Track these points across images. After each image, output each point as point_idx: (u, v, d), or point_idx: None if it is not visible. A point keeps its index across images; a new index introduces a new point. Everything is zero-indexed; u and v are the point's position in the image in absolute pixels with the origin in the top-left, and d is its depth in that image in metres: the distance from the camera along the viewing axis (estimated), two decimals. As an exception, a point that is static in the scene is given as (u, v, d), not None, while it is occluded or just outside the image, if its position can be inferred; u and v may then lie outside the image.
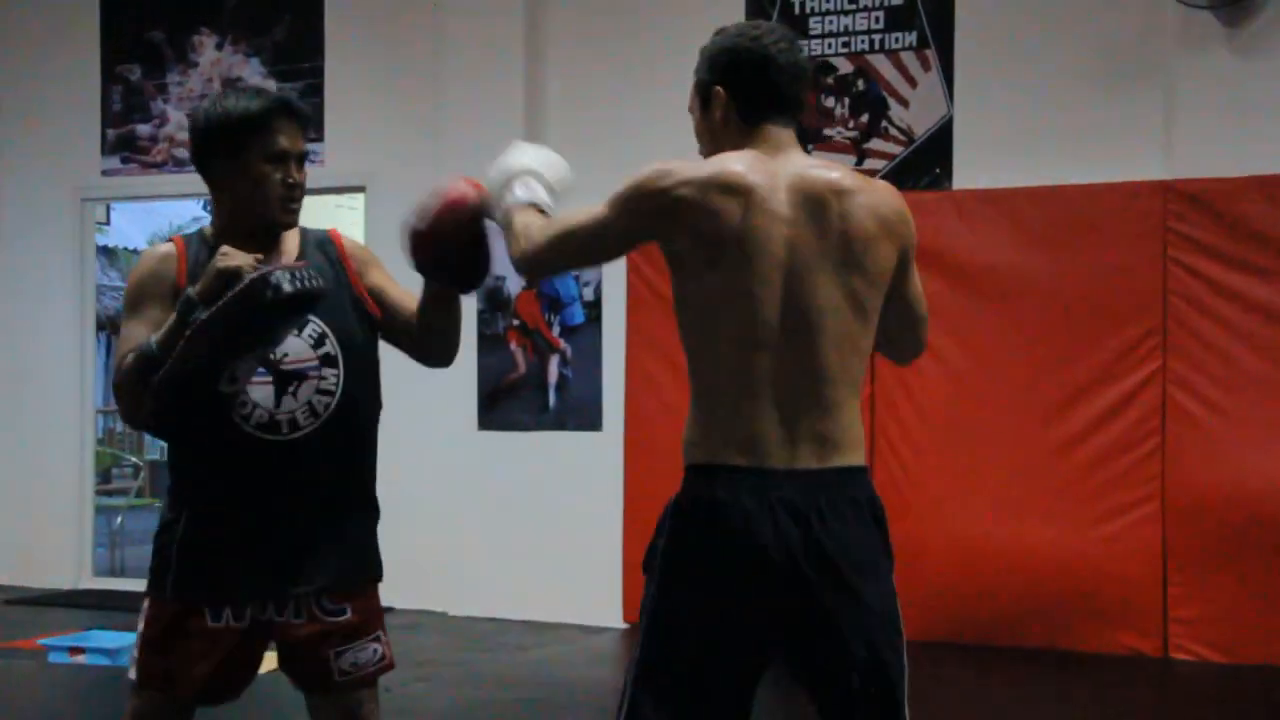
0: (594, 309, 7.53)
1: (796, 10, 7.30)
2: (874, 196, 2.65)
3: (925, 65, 7.09)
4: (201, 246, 2.91)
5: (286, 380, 2.85)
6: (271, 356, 2.84)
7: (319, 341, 2.90)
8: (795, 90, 2.69)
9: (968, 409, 6.78)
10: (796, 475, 2.51)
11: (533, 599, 7.53)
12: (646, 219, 2.58)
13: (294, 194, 2.91)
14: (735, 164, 2.58)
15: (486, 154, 9.13)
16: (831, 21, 7.26)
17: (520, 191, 2.78)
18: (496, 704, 5.88)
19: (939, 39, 7.07)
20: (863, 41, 7.21)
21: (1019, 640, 6.59)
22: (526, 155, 2.86)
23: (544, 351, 7.63)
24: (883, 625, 2.55)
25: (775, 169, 2.58)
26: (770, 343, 2.52)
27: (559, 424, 7.57)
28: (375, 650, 3.01)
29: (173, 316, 2.73)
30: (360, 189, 8.35)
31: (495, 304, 7.69)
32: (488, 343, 7.70)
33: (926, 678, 6.30)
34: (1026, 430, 6.68)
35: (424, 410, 7.89)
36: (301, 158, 2.94)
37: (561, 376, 7.60)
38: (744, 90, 2.68)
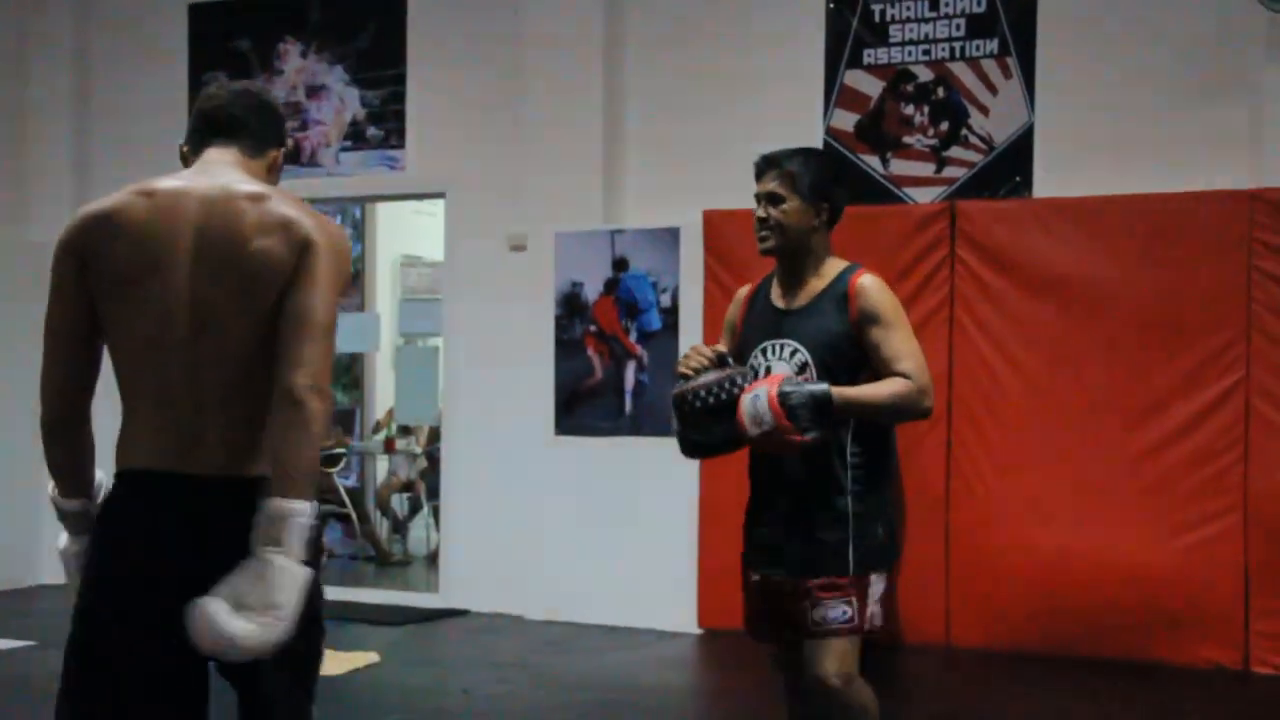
0: (671, 315, 7.56)
1: (877, 19, 7.30)
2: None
3: (1006, 73, 7.05)
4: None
5: None
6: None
7: (802, 368, 3.62)
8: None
9: (1046, 419, 6.74)
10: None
11: (608, 604, 7.57)
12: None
13: (760, 226, 3.69)
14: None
15: (567, 162, 9.14)
16: (912, 29, 7.24)
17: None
18: (571, 707, 5.92)
19: (1020, 46, 7.03)
20: (943, 49, 7.19)
21: (1097, 651, 6.53)
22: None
23: (621, 357, 7.67)
24: None
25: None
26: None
27: (635, 429, 7.60)
28: (844, 611, 3.54)
29: None
30: (440, 195, 8.43)
31: (573, 309, 7.74)
32: (565, 348, 7.75)
33: (1004, 688, 6.28)
34: (1107, 440, 6.62)
35: (501, 416, 7.96)
36: (770, 198, 3.68)
37: (638, 382, 7.63)
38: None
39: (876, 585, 3.56)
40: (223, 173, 2.65)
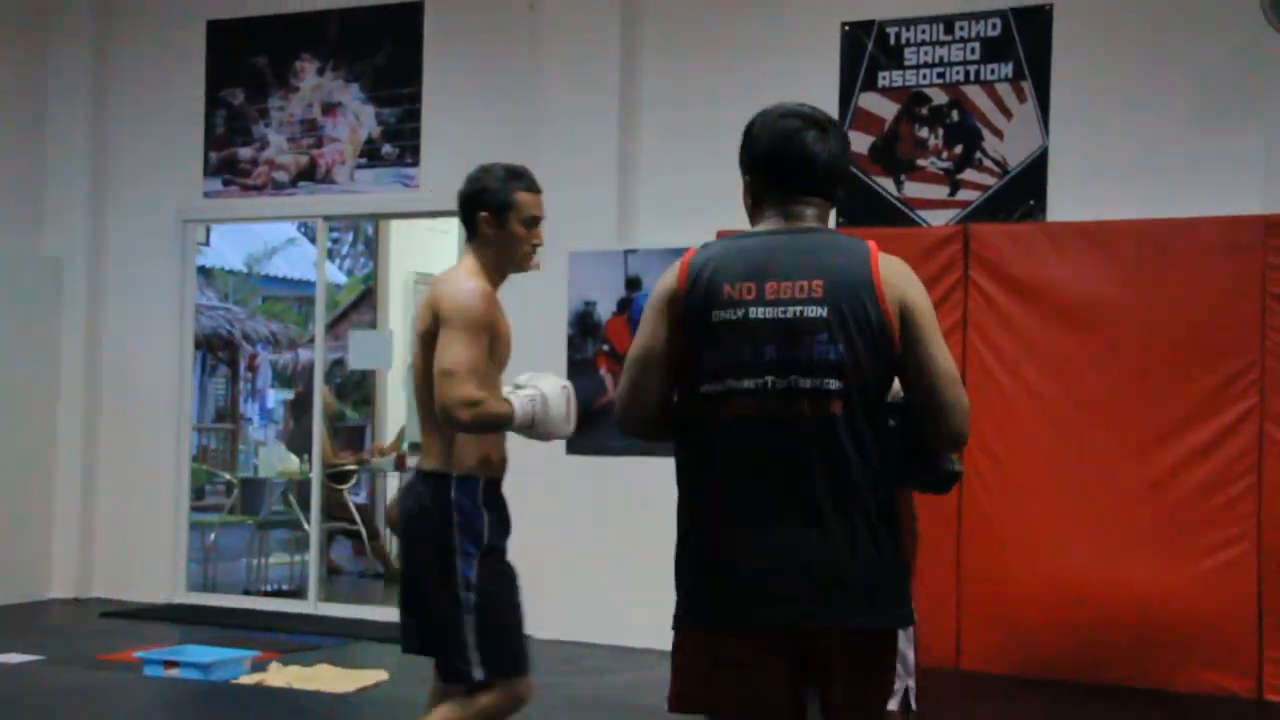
0: (683, 336, 7.55)
1: (892, 41, 7.30)
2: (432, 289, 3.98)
3: (1020, 96, 7.06)
4: None
5: None
6: None
7: None
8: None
9: (1060, 443, 6.71)
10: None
11: (618, 623, 7.55)
12: None
13: None
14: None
15: (581, 181, 9.11)
16: (927, 52, 7.25)
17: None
18: (580, 727, 5.90)
19: (1035, 70, 7.03)
20: (958, 73, 7.19)
21: (1108, 678, 6.50)
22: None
23: (633, 377, 7.65)
24: None
25: None
26: None
27: (646, 450, 7.57)
28: None
29: None
30: (454, 213, 8.40)
31: (586, 329, 7.74)
32: (577, 367, 7.75)
33: (1014, 712, 6.24)
34: (1120, 466, 6.60)
35: (512, 434, 7.94)
36: None
37: (650, 402, 7.61)
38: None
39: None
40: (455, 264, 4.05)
